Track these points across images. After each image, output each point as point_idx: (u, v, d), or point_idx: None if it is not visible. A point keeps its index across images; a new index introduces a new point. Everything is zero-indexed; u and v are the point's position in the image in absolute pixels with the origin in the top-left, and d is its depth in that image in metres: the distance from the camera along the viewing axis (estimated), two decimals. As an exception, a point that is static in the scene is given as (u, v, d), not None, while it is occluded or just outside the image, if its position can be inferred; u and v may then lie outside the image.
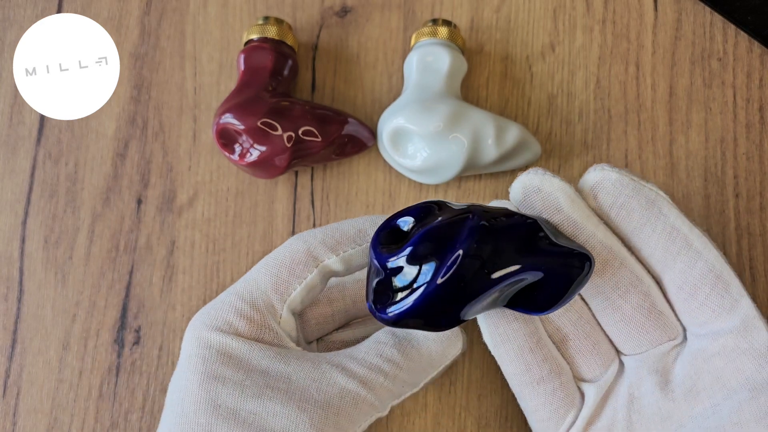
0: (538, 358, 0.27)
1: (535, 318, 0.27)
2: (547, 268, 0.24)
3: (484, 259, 0.23)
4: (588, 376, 0.28)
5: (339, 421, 0.25)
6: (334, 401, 0.25)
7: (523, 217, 0.24)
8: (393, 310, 0.23)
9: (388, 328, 0.28)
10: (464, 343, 0.29)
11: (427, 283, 0.22)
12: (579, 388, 0.28)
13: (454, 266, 0.22)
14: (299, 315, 0.29)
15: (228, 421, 0.24)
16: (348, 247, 0.27)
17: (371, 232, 0.28)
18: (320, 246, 0.27)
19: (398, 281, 0.23)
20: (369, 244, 0.27)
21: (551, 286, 0.24)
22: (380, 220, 0.28)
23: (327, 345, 0.30)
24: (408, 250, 0.23)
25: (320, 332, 0.30)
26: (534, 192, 0.25)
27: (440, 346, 0.28)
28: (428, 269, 0.23)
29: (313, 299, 0.28)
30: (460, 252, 0.22)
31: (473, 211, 0.23)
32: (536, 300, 0.25)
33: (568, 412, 0.27)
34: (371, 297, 0.24)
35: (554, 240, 0.24)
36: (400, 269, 0.23)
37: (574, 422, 0.28)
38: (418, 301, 0.23)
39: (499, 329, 0.27)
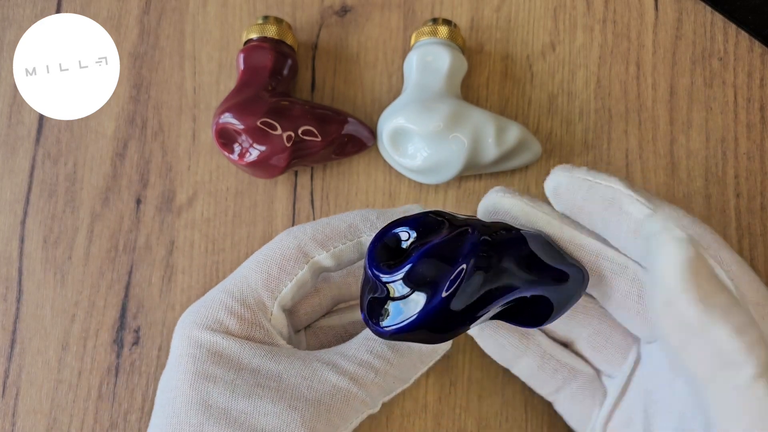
0: (548, 372, 0.27)
1: (532, 332, 0.27)
2: (545, 283, 0.23)
3: (486, 275, 0.22)
4: (608, 370, 0.28)
5: (330, 418, 0.25)
6: (325, 399, 0.25)
7: (520, 231, 0.24)
8: (388, 326, 0.22)
9: None
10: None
11: (425, 301, 0.22)
12: (602, 383, 0.28)
13: (456, 282, 0.22)
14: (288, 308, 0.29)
15: (219, 421, 0.24)
16: (339, 243, 0.27)
17: (362, 227, 0.27)
18: (310, 242, 0.27)
19: (395, 298, 0.22)
20: (360, 239, 0.27)
21: (547, 299, 0.24)
22: (371, 214, 0.28)
23: (315, 332, 0.30)
24: (407, 267, 0.22)
25: (308, 321, 0.30)
26: (492, 214, 0.25)
27: None
28: (427, 288, 0.22)
29: (303, 295, 0.28)
30: (463, 267, 0.22)
31: (472, 225, 0.23)
32: (531, 314, 0.24)
33: (592, 409, 0.28)
34: (366, 309, 0.23)
35: (549, 254, 0.24)
36: (397, 286, 0.22)
37: (598, 417, 0.28)
38: (416, 319, 0.22)
39: (506, 355, 0.28)
